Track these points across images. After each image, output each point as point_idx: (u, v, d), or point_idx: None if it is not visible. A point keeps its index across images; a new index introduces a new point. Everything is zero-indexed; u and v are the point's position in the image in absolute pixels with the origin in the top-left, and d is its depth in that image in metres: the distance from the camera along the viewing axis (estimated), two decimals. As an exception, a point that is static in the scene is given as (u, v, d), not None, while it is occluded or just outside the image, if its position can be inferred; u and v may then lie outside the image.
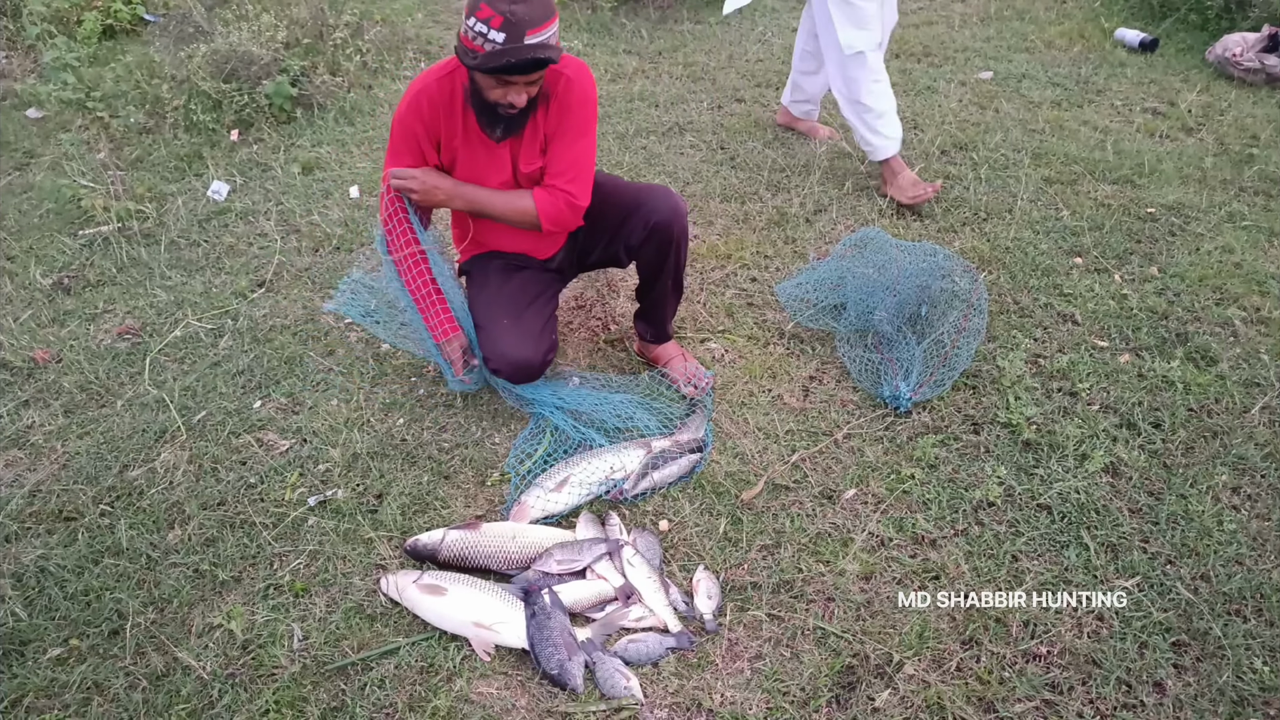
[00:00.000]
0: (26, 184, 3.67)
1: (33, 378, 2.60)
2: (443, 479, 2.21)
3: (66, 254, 3.17)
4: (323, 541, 2.05)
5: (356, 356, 2.62)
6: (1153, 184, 3.31)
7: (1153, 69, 4.28)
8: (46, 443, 2.37)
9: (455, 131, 2.13)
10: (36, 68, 4.64)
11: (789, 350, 2.59)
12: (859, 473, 2.17)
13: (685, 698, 1.70)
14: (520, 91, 1.97)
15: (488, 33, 1.84)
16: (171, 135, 3.93)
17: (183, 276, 3.03)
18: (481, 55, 1.87)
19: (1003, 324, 2.63)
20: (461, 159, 2.17)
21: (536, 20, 1.84)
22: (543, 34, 1.86)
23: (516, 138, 2.13)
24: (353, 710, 1.70)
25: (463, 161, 2.17)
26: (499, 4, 1.82)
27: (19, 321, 2.83)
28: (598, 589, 1.89)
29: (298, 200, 3.45)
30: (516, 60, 1.86)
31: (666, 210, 2.22)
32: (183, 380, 2.56)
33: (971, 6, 5.26)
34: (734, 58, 4.67)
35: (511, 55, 1.85)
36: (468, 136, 2.13)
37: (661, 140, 3.83)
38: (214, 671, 1.78)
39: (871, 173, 3.47)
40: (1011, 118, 3.87)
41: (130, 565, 2.01)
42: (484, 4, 1.83)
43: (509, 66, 1.87)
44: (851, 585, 1.90)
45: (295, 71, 4.06)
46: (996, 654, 1.75)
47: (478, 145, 2.15)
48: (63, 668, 1.80)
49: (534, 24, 1.84)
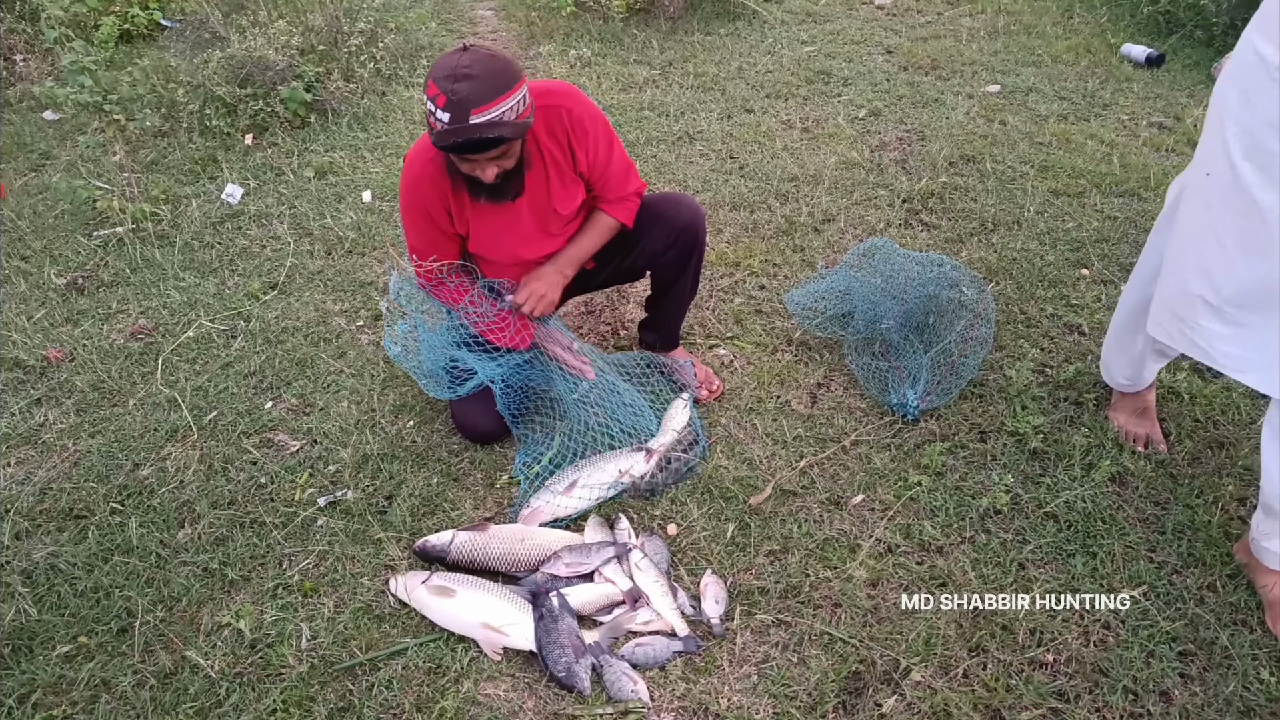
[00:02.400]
0: (42, 185, 3.71)
1: (45, 376, 2.62)
2: (452, 481, 2.22)
3: (81, 254, 3.20)
4: (332, 542, 2.06)
5: (368, 359, 2.64)
6: (1159, 197, 3.32)
7: (1159, 84, 4.30)
8: (58, 441, 2.39)
9: (463, 202, 2.07)
10: (54, 71, 4.70)
11: (797, 357, 2.60)
12: (866, 479, 2.18)
13: (692, 701, 1.71)
14: (485, 166, 1.89)
15: (435, 111, 1.77)
16: (187, 139, 3.96)
17: (196, 278, 3.06)
18: (435, 133, 1.81)
19: (1010, 334, 2.64)
20: (474, 224, 2.12)
21: (483, 98, 1.76)
22: (490, 112, 1.77)
23: (529, 191, 2.08)
24: (360, 710, 1.71)
25: (475, 226, 2.12)
26: (444, 83, 1.75)
27: (33, 320, 2.86)
28: (605, 592, 1.90)
29: (311, 204, 3.48)
30: (462, 140, 1.78)
31: (689, 215, 2.25)
32: (194, 380, 2.57)
33: (979, 21, 5.29)
34: (743, 69, 4.69)
35: (457, 135, 1.78)
36: (475, 205, 2.08)
37: (671, 149, 3.85)
38: (222, 670, 1.79)
39: (881, 182, 3.49)
40: (1019, 131, 3.88)
41: (140, 563, 2.02)
42: (431, 81, 1.78)
43: (456, 146, 1.81)
44: (858, 591, 1.90)
45: (310, 77, 4.10)
46: (1003, 661, 1.76)
47: (485, 209, 2.09)
48: (71, 664, 1.81)
49: (479, 102, 1.75)
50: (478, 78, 1.76)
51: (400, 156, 3.84)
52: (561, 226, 2.21)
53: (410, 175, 2.06)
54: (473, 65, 1.76)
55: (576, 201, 2.18)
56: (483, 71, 1.77)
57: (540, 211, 2.14)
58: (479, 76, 1.76)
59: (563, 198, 2.14)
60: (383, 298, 2.55)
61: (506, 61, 1.82)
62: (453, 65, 1.77)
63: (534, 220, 2.15)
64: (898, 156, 3.72)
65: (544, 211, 2.15)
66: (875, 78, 4.51)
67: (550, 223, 2.18)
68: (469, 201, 2.06)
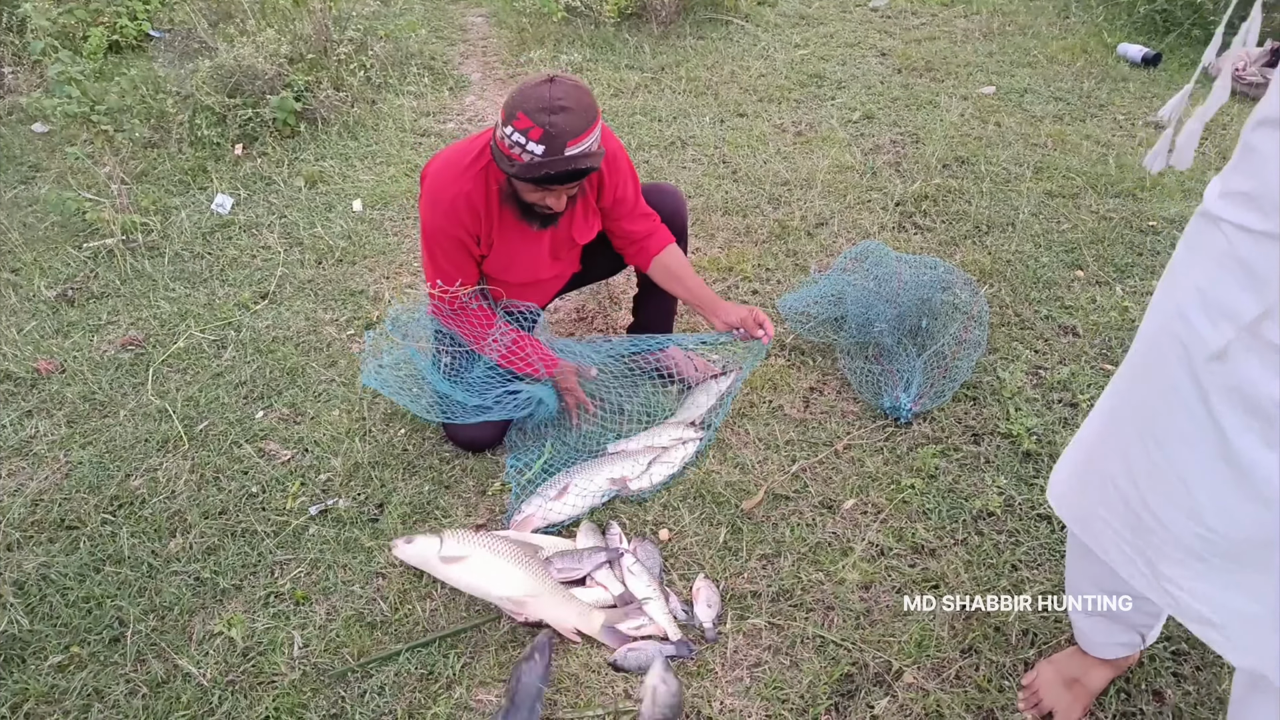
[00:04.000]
0: (32, 197, 3.70)
1: (36, 388, 2.61)
2: (444, 488, 2.21)
3: (71, 266, 3.20)
4: (323, 550, 2.05)
5: (358, 368, 2.63)
6: (1155, 198, 3.32)
7: (1155, 84, 4.30)
8: (49, 452, 2.38)
9: (493, 226, 2.07)
10: (42, 82, 4.69)
11: (790, 362, 2.60)
12: (859, 483, 2.18)
13: (685, 705, 1.70)
14: (560, 196, 1.93)
15: (525, 144, 1.78)
16: (176, 149, 3.96)
17: (186, 288, 3.05)
18: (519, 164, 1.81)
19: (1004, 336, 2.64)
20: (498, 247, 2.12)
21: (577, 130, 1.78)
22: (583, 144, 1.80)
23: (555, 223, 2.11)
24: (352, 716, 1.70)
25: (498, 247, 2.12)
26: (538, 115, 1.75)
27: (23, 332, 2.85)
28: (597, 597, 1.89)
29: (301, 213, 3.47)
30: (556, 173, 1.80)
31: (673, 203, 2.30)
32: (185, 391, 2.57)
33: (974, 22, 5.29)
34: (736, 73, 4.70)
35: (550, 168, 1.79)
36: (504, 227, 2.08)
37: (663, 154, 3.85)
38: (214, 678, 1.78)
39: (874, 185, 3.49)
40: (1013, 132, 3.88)
41: (131, 573, 2.01)
42: (521, 113, 1.77)
43: (548, 178, 1.81)
44: (851, 594, 1.90)
45: (299, 86, 4.09)
46: (996, 662, 1.75)
47: (512, 234, 2.10)
48: (63, 674, 1.81)
49: (574, 134, 1.78)
50: (572, 110, 1.77)
51: (391, 165, 3.84)
52: (568, 250, 2.24)
53: (446, 199, 2.01)
54: (565, 97, 1.77)
55: (594, 233, 2.21)
56: (575, 104, 1.78)
57: (559, 239, 2.18)
58: (573, 109, 1.77)
59: (582, 228, 2.18)
60: (366, 332, 2.50)
61: (589, 92, 1.83)
62: (546, 98, 1.76)
63: (550, 246, 2.18)
64: (891, 159, 3.72)
65: (563, 239, 2.18)
66: (869, 80, 4.51)
67: (562, 248, 2.21)
68: (499, 226, 2.06)
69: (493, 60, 5.16)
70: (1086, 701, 1.64)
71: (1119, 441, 1.24)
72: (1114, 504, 1.26)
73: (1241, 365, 1.03)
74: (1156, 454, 1.17)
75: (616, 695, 1.73)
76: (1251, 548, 1.11)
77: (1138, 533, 1.24)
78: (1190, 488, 1.13)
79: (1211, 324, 1.04)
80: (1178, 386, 1.11)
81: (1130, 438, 1.21)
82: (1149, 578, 1.25)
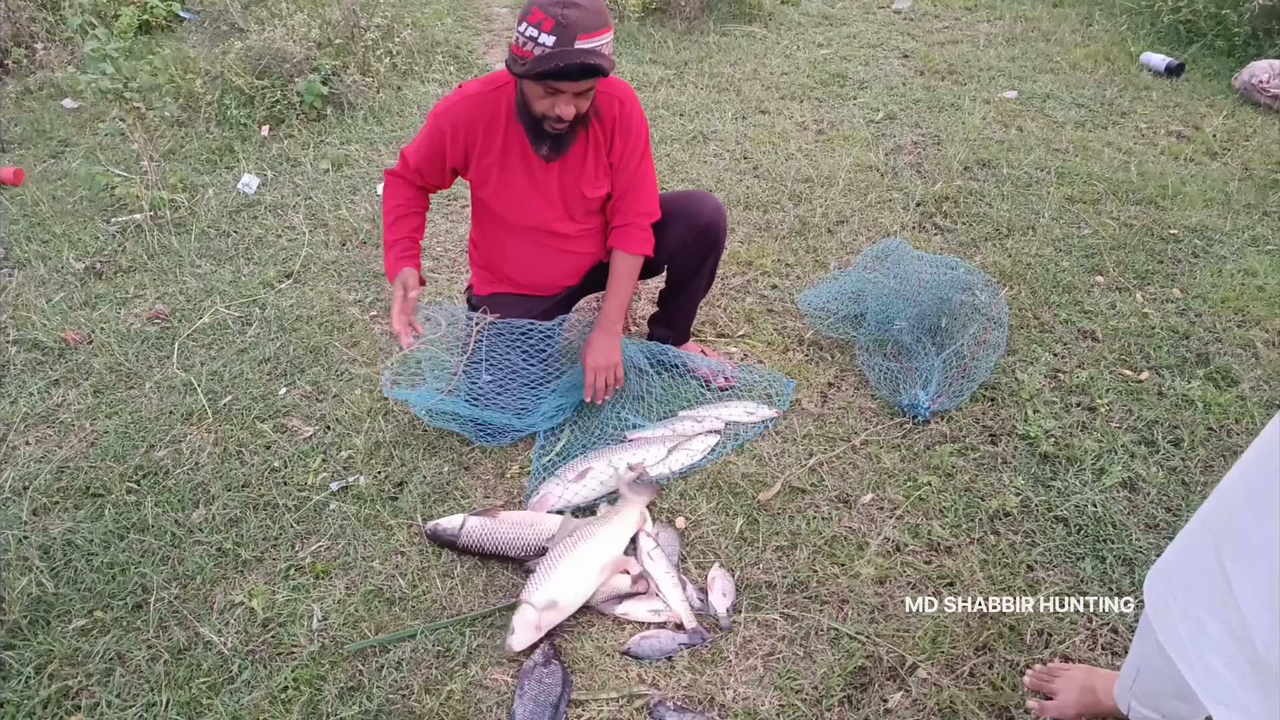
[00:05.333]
0: (62, 171, 3.74)
1: (63, 358, 2.64)
2: (463, 470, 2.23)
3: (99, 239, 3.23)
4: (344, 526, 2.08)
5: (380, 348, 2.66)
6: (1176, 206, 3.32)
7: (1178, 93, 4.29)
8: (76, 421, 2.41)
9: (491, 148, 2.09)
10: (74, 59, 4.73)
11: (808, 357, 2.61)
12: (876, 479, 2.19)
13: (698, 692, 1.72)
14: (568, 103, 1.92)
15: (538, 36, 1.80)
16: (205, 128, 4.00)
17: (212, 265, 3.08)
18: (530, 60, 1.83)
19: (1023, 338, 2.64)
20: (496, 178, 2.13)
21: (589, 25, 1.81)
22: (594, 40, 1.82)
23: (566, 159, 2.11)
24: (369, 690, 1.72)
25: (497, 181, 2.13)
26: (551, 7, 1.79)
27: (51, 303, 2.88)
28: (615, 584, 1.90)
29: (326, 195, 3.50)
30: (565, 65, 1.80)
31: (712, 213, 2.27)
32: (210, 365, 2.60)
33: (997, 27, 5.29)
34: (759, 70, 4.71)
35: (560, 59, 1.80)
36: (506, 156, 2.10)
37: (685, 148, 3.87)
38: (234, 647, 1.81)
39: (896, 185, 3.49)
40: (1035, 137, 3.88)
41: (155, 541, 2.04)
42: (536, 8, 1.81)
43: (558, 71, 1.82)
44: (866, 588, 1.91)
45: (327, 70, 4.12)
46: (1010, 661, 1.76)
47: (518, 166, 2.11)
48: (87, 638, 1.83)
49: (586, 29, 1.80)
50: (584, 7, 1.82)
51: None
52: (583, 213, 2.23)
53: (458, 95, 2.08)
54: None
55: (602, 191, 2.20)
56: (588, 3, 1.83)
57: (569, 187, 2.17)
58: (585, 7, 1.82)
59: (592, 181, 2.17)
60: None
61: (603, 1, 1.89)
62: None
63: (560, 192, 2.18)
64: (913, 160, 3.72)
65: (572, 189, 2.17)
66: (891, 81, 4.51)
67: (574, 203, 2.20)
68: (500, 152, 2.09)
69: (518, 51, 5.18)
70: (1090, 713, 1.63)
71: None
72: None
73: None
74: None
75: (630, 679, 1.75)
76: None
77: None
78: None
79: None
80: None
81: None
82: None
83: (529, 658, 1.76)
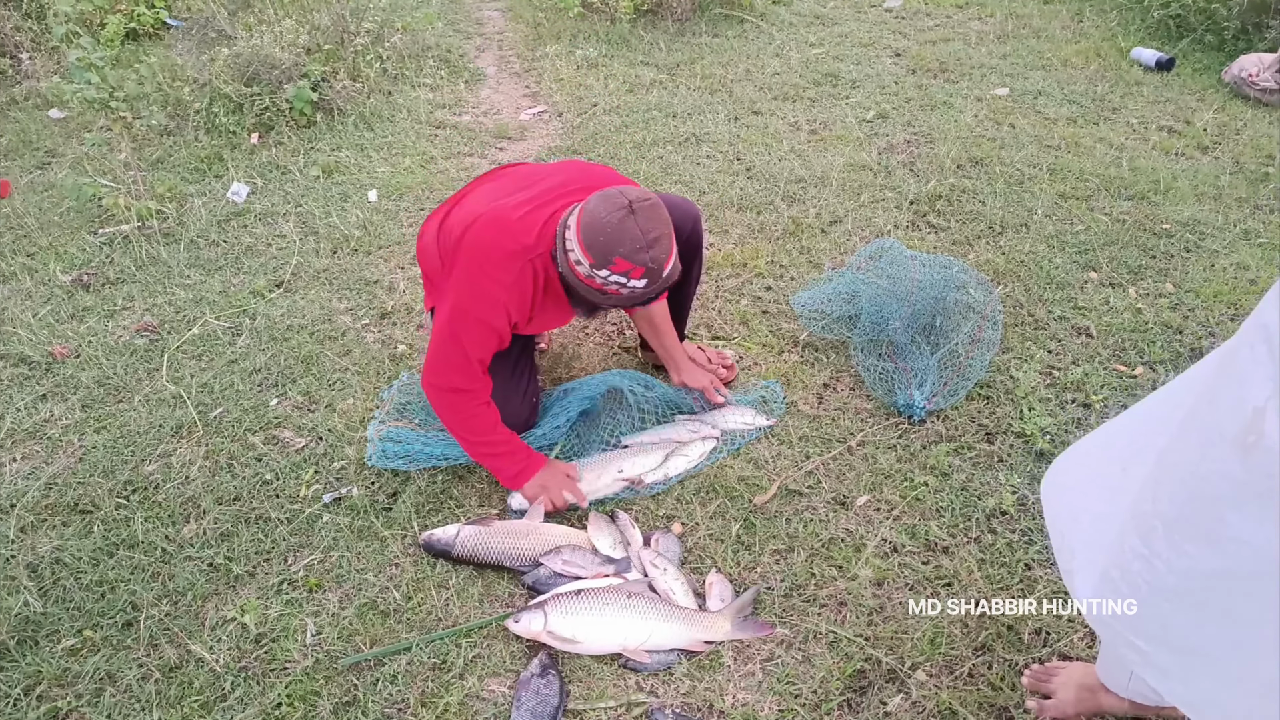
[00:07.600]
0: (48, 182, 3.72)
1: (51, 372, 2.62)
2: (457, 479, 2.22)
3: (86, 251, 3.21)
4: (337, 538, 2.06)
5: (372, 357, 2.64)
6: (1168, 201, 3.31)
7: (1169, 88, 4.29)
8: (64, 436, 2.39)
9: (526, 311, 1.99)
10: (60, 69, 4.71)
11: (803, 358, 2.60)
12: (872, 480, 2.17)
13: (697, 699, 1.70)
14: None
15: (628, 282, 1.79)
16: (193, 137, 3.97)
17: (201, 275, 3.06)
18: (617, 298, 1.84)
19: (1017, 336, 2.63)
20: (528, 326, 2.08)
21: (669, 250, 1.80)
22: (673, 257, 1.82)
23: None
24: (365, 705, 1.70)
25: (529, 326, 2.09)
26: (638, 255, 1.75)
27: (38, 317, 2.86)
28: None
29: (316, 203, 3.48)
30: (657, 295, 1.85)
31: (691, 221, 2.22)
32: (200, 377, 2.58)
33: (988, 24, 5.28)
34: (751, 71, 4.69)
35: (654, 293, 1.83)
36: (544, 306, 2.03)
37: (678, 150, 3.85)
38: (227, 664, 1.79)
39: (889, 184, 3.48)
40: (1027, 134, 3.88)
41: (145, 558, 2.02)
42: (619, 258, 1.75)
43: (649, 300, 1.87)
44: (864, 590, 1.90)
45: (316, 77, 4.10)
46: (1009, 661, 1.75)
47: (552, 308, 2.06)
48: (76, 658, 1.81)
49: (669, 254, 1.80)
50: (663, 236, 1.78)
51: (407, 156, 3.84)
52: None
53: (501, 289, 1.90)
54: (651, 224, 1.76)
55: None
56: (662, 226, 1.78)
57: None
58: (663, 234, 1.78)
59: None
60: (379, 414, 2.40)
61: (659, 201, 1.81)
62: (638, 235, 1.74)
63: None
64: (905, 159, 3.71)
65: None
66: (883, 80, 4.51)
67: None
68: (540, 309, 2.03)
69: (508, 54, 5.17)
70: (1089, 711, 1.62)
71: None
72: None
73: None
74: None
75: (628, 686, 1.73)
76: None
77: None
78: None
79: None
80: None
81: None
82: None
83: (526, 668, 1.75)
